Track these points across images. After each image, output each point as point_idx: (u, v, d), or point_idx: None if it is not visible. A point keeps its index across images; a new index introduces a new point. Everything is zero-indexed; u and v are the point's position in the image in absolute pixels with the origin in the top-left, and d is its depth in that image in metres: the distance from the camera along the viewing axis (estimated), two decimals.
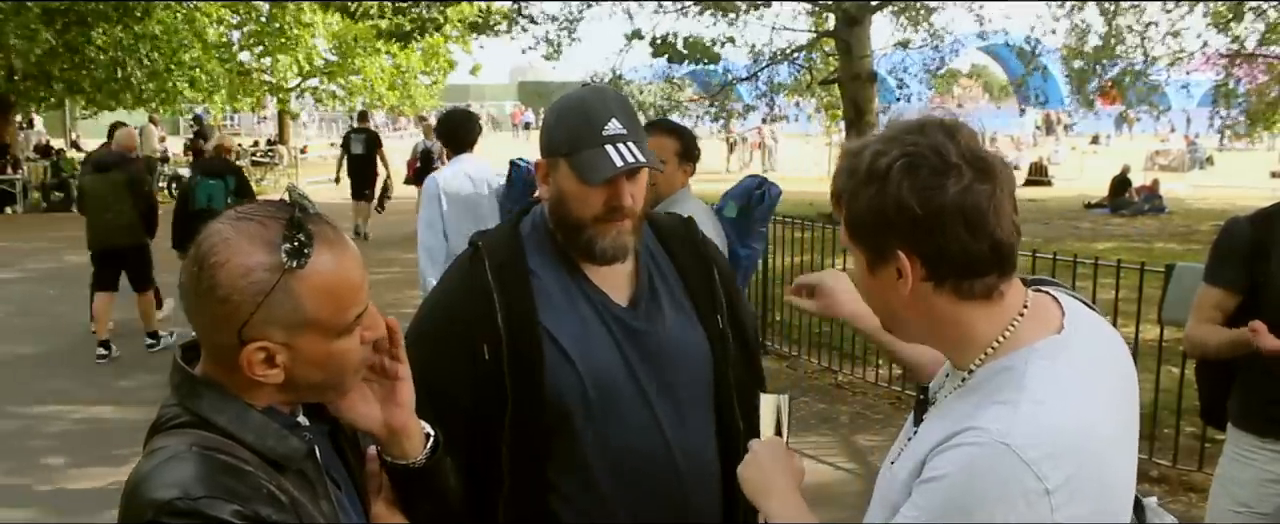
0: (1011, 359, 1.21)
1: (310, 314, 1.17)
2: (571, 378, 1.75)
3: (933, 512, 1.14)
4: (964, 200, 1.16)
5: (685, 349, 1.84)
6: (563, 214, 1.79)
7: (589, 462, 1.77)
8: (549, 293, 1.79)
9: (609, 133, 1.72)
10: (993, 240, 1.19)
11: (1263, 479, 2.71)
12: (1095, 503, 1.15)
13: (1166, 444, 5.09)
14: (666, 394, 1.80)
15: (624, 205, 1.75)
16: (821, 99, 18.98)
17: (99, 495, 4.92)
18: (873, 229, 1.22)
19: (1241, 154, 28.96)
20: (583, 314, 1.79)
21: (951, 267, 1.20)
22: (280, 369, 1.19)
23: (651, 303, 1.85)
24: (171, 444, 1.17)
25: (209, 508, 1.09)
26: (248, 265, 1.15)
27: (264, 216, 1.18)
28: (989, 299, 1.23)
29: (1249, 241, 2.69)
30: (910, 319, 1.27)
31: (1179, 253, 11.13)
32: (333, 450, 1.35)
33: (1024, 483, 1.09)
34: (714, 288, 1.93)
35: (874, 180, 1.20)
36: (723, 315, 1.91)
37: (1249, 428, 2.75)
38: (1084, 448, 1.15)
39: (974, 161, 1.18)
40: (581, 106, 1.76)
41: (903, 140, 1.20)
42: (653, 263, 1.89)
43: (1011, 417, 1.13)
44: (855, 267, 1.30)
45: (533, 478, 1.78)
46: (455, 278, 1.88)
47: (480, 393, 1.74)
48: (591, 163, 1.71)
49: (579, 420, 1.75)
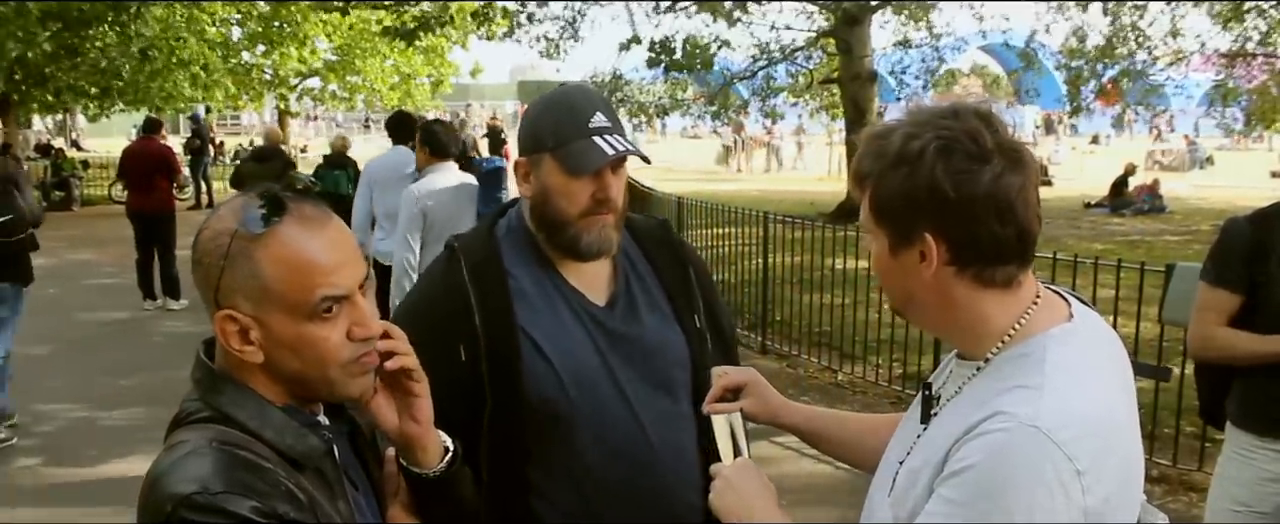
0: (1029, 346, 1.22)
1: (267, 284, 1.18)
2: (550, 378, 1.75)
3: (967, 502, 1.13)
4: (997, 188, 1.17)
5: (663, 349, 1.85)
6: (546, 211, 1.78)
7: (569, 461, 1.77)
8: (526, 293, 1.79)
9: (595, 125, 1.74)
10: (1020, 229, 1.20)
11: (1262, 478, 2.71)
12: (1118, 484, 1.16)
13: (1166, 444, 5.10)
14: (645, 393, 1.80)
15: (610, 196, 1.76)
16: (822, 99, 18.99)
17: (99, 495, 4.94)
18: (901, 211, 1.22)
19: (1241, 154, 28.98)
20: (560, 314, 1.79)
21: (978, 253, 1.20)
22: (257, 347, 1.20)
23: (629, 303, 1.85)
24: (192, 439, 1.17)
25: (228, 503, 1.09)
26: (217, 230, 1.20)
27: (256, 194, 1.21)
28: (1008, 287, 1.24)
29: (1249, 242, 2.70)
30: (927, 303, 1.27)
31: (1179, 253, 11.13)
32: (351, 451, 1.36)
33: (1057, 464, 1.10)
34: (690, 288, 1.93)
35: (905, 162, 1.20)
36: (700, 315, 1.91)
37: (1248, 427, 2.76)
38: (1107, 430, 1.16)
39: (1008, 151, 1.19)
40: (566, 101, 1.78)
41: (936, 124, 1.20)
42: (629, 264, 1.90)
43: (1037, 400, 1.14)
44: (874, 249, 1.29)
45: (513, 478, 1.77)
46: (432, 279, 1.88)
47: (458, 394, 1.71)
48: (581, 153, 1.72)
49: (559, 420, 1.75)
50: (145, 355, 7.71)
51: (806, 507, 4.65)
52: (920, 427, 1.32)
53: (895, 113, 11.96)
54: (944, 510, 1.15)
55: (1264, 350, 2.64)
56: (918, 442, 1.29)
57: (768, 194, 17.85)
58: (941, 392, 1.33)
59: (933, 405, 1.33)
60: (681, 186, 14.03)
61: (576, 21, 15.97)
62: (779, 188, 20.52)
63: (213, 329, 1.24)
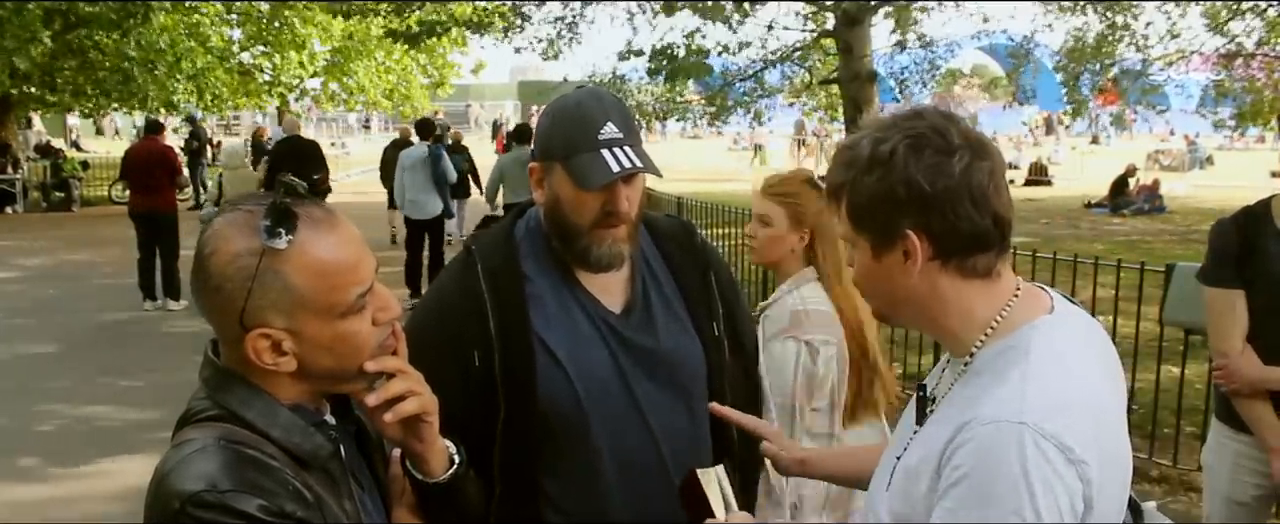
0: (1013, 338, 1.24)
1: (303, 294, 1.18)
2: (564, 386, 1.73)
3: (971, 509, 1.14)
4: (969, 176, 1.21)
5: (679, 357, 1.82)
6: (558, 220, 1.76)
7: (581, 469, 1.75)
8: (542, 299, 1.77)
9: (605, 137, 1.68)
10: (995, 215, 1.23)
11: (1236, 467, 2.79)
12: (1107, 468, 1.17)
13: (1166, 444, 5.10)
14: (660, 402, 1.78)
15: (620, 210, 1.72)
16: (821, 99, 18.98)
17: (99, 495, 4.94)
18: (880, 212, 1.25)
19: (1241, 154, 28.96)
20: (576, 321, 1.77)
21: (959, 242, 1.23)
22: (291, 356, 1.20)
23: (645, 310, 1.82)
24: (199, 437, 1.18)
25: (235, 502, 1.10)
26: (234, 251, 1.17)
27: (252, 206, 1.20)
28: (988, 277, 1.27)
29: (1237, 242, 2.72)
30: (913, 302, 1.29)
31: (1179, 253, 11.14)
32: (358, 451, 1.36)
33: (1049, 455, 1.12)
34: (710, 294, 1.90)
35: (877, 165, 1.23)
36: (718, 322, 1.88)
37: (1227, 420, 2.82)
38: (1094, 416, 1.18)
39: (973, 142, 1.23)
40: (577, 110, 1.72)
41: (901, 126, 1.24)
42: (648, 269, 1.86)
43: (1023, 394, 1.16)
44: (857, 258, 1.31)
45: (525, 485, 1.76)
46: (449, 283, 1.85)
47: (472, 400, 1.71)
48: (588, 167, 1.68)
49: (572, 428, 1.73)
50: (146, 356, 7.70)
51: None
52: (916, 426, 1.34)
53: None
54: (951, 523, 1.15)
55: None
56: (914, 438, 1.31)
57: None
58: (935, 392, 1.34)
59: (927, 406, 1.34)
60: (689, 188, 14.02)
61: (575, 23, 15.95)
62: None
63: (216, 334, 1.24)
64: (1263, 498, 2.81)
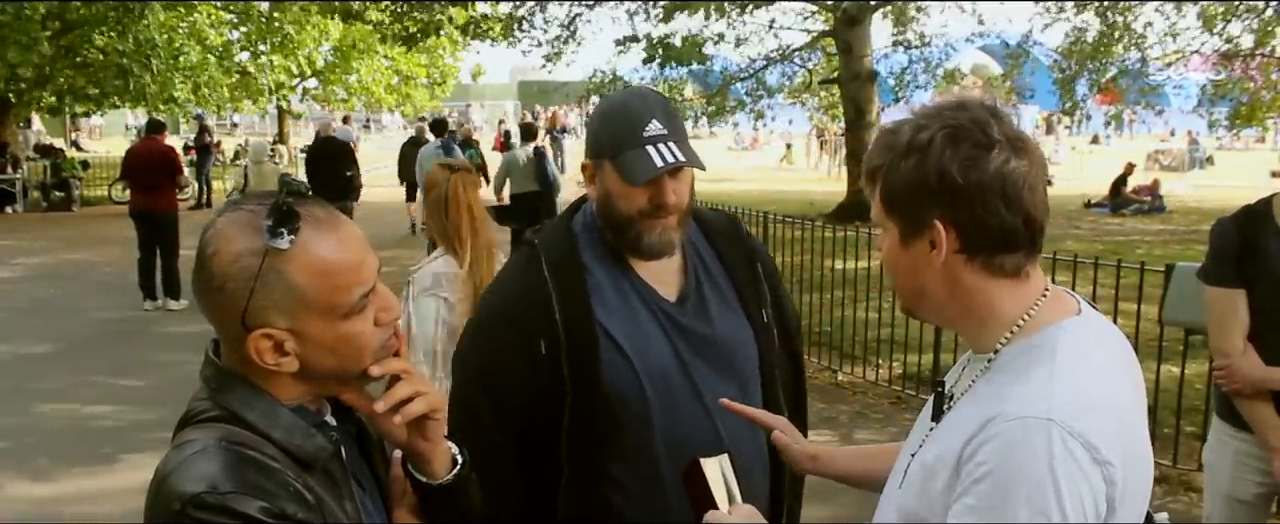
0: (1039, 337, 1.23)
1: (306, 295, 1.17)
2: (627, 372, 1.80)
3: (993, 507, 1.12)
4: (1003, 174, 1.20)
5: (732, 343, 1.90)
6: (610, 212, 1.85)
7: (644, 453, 1.82)
8: (602, 288, 1.85)
9: (650, 133, 1.77)
10: (1027, 215, 1.22)
11: (1237, 465, 2.79)
12: (1131, 472, 1.17)
13: (1166, 444, 5.10)
14: (717, 387, 1.84)
15: (667, 202, 1.80)
16: (821, 99, 18.99)
17: (99, 495, 4.94)
18: (911, 199, 1.24)
19: (1241, 154, 28.97)
20: (634, 309, 1.85)
21: (986, 239, 1.23)
22: (293, 357, 1.20)
23: (699, 299, 1.90)
24: (200, 438, 1.17)
25: (236, 503, 1.10)
26: (236, 251, 1.16)
27: (253, 205, 1.19)
28: (1016, 277, 1.26)
29: (1238, 242, 2.72)
30: (938, 294, 1.28)
31: (1179, 253, 11.14)
32: (359, 452, 1.36)
33: (1076, 454, 1.11)
34: (759, 283, 1.99)
35: (914, 151, 1.23)
36: (767, 310, 1.97)
37: (1228, 418, 2.82)
38: (1118, 419, 1.18)
39: (1013, 140, 1.22)
40: (623, 108, 1.83)
41: (944, 116, 1.23)
42: (699, 259, 1.95)
43: (1050, 392, 1.15)
44: (886, 243, 1.31)
45: (591, 469, 1.83)
46: (513, 275, 1.94)
47: (539, 387, 1.80)
48: (634, 163, 1.77)
49: (635, 413, 1.81)
50: (146, 356, 7.70)
51: (808, 505, 4.64)
52: (933, 422, 1.33)
53: (894, 114, 11.86)
54: (972, 520, 1.14)
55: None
56: (930, 434, 1.30)
57: (767, 194, 17.84)
58: (954, 389, 1.34)
59: (945, 402, 1.34)
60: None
61: (574, 25, 15.95)
62: (779, 188, 20.51)
63: (217, 334, 1.24)
64: (1263, 496, 2.82)
